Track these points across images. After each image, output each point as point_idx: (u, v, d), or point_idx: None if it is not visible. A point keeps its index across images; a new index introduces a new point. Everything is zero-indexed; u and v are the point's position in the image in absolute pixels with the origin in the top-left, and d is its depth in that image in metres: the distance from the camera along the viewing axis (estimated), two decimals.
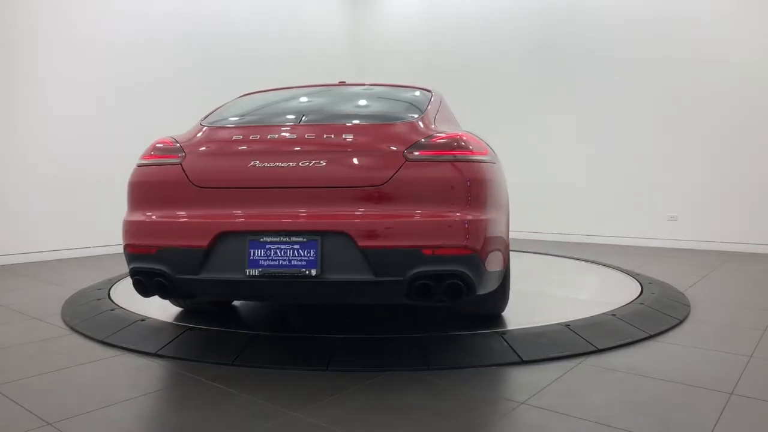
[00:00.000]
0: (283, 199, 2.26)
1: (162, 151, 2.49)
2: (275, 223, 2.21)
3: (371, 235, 2.15)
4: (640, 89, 6.69)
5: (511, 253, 5.43)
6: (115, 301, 3.32)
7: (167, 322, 2.89)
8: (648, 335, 2.72)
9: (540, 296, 3.60)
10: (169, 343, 2.58)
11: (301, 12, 8.22)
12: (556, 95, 7.29)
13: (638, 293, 3.50)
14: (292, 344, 2.52)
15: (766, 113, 5.96)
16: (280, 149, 2.33)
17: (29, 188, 5.36)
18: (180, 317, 3.03)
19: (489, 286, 2.40)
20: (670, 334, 2.81)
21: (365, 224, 2.17)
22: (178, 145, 2.49)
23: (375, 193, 2.21)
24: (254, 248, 2.21)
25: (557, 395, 2.01)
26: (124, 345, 2.61)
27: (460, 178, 2.25)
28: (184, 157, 2.42)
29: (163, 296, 2.50)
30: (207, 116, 2.79)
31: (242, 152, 2.37)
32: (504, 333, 2.57)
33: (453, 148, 2.29)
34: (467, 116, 6.07)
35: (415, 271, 2.13)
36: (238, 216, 2.27)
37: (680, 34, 6.40)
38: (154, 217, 2.38)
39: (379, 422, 1.81)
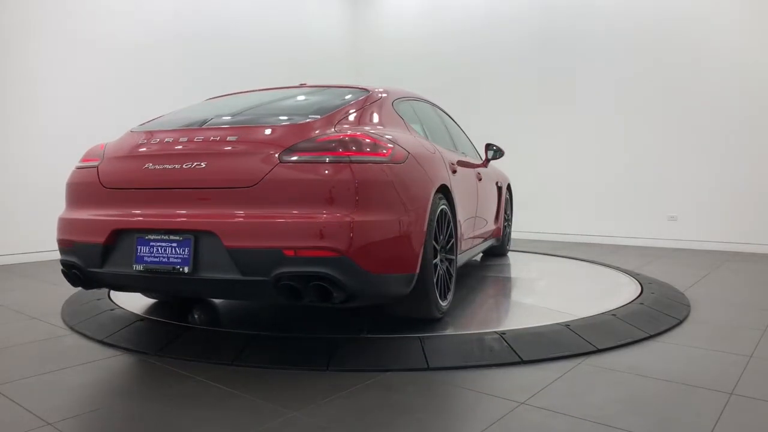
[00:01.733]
0: (167, 200, 2.39)
1: (90, 155, 2.74)
2: (156, 222, 2.36)
3: (236, 235, 2.21)
4: (640, 89, 6.69)
5: (510, 253, 5.45)
6: (115, 301, 3.32)
7: (167, 322, 2.89)
8: (648, 335, 2.72)
9: (540, 296, 3.60)
10: (169, 343, 2.58)
11: (302, 12, 8.22)
12: (556, 95, 7.29)
13: (638, 293, 3.50)
14: (292, 344, 2.52)
15: (766, 113, 5.96)
16: (169, 152, 2.45)
17: (29, 188, 5.36)
18: (180, 317, 3.04)
19: (378, 290, 2.35)
20: (670, 334, 2.82)
21: (231, 225, 2.23)
22: (102, 150, 2.71)
23: (245, 195, 2.25)
24: (140, 245, 2.38)
25: (557, 395, 2.01)
26: (123, 345, 2.61)
27: (335, 180, 2.21)
28: (102, 160, 2.64)
29: (85, 287, 2.68)
30: (144, 123, 2.94)
31: (141, 155, 2.52)
32: (504, 333, 2.56)
33: (332, 150, 2.27)
34: (467, 116, 6.08)
35: (279, 271, 2.17)
36: (130, 215, 2.45)
37: (681, 34, 6.41)
38: (75, 215, 2.64)
39: (379, 422, 1.81)
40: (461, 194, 3.30)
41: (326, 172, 2.23)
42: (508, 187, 5.31)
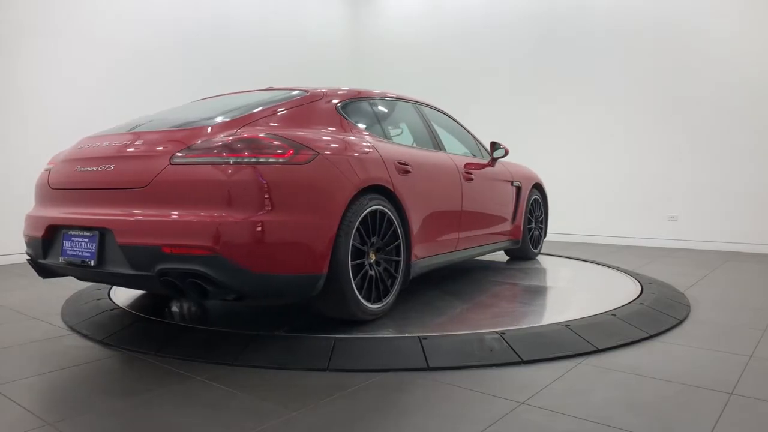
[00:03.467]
0: (85, 199, 2.60)
1: (53, 159, 2.98)
2: (75, 219, 2.59)
3: (126, 232, 2.37)
4: (641, 89, 6.69)
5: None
6: (115, 301, 3.32)
7: (167, 322, 2.89)
8: (648, 335, 2.72)
9: (540, 296, 3.60)
10: (169, 343, 2.58)
11: (302, 12, 8.22)
12: (556, 96, 7.29)
13: (638, 293, 3.49)
14: (292, 344, 2.52)
15: (766, 113, 5.96)
16: (93, 156, 2.62)
17: (29, 188, 5.35)
18: (180, 317, 3.04)
19: (271, 289, 2.40)
20: (670, 334, 2.82)
21: (122, 223, 2.39)
22: (62, 154, 2.93)
23: (138, 195, 2.40)
24: (65, 240, 2.63)
25: (557, 395, 2.01)
26: (123, 345, 2.61)
27: (216, 180, 2.29)
28: (56, 163, 2.87)
29: (43, 276, 2.92)
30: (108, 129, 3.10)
31: (76, 159, 2.71)
32: (504, 333, 2.57)
33: (220, 151, 2.34)
34: (467, 116, 6.08)
35: (159, 267, 2.29)
36: (60, 212, 2.68)
37: (682, 33, 6.41)
38: (32, 212, 2.92)
39: (378, 422, 1.81)
40: (420, 194, 3.18)
41: (209, 172, 2.31)
42: (539, 188, 5.09)
